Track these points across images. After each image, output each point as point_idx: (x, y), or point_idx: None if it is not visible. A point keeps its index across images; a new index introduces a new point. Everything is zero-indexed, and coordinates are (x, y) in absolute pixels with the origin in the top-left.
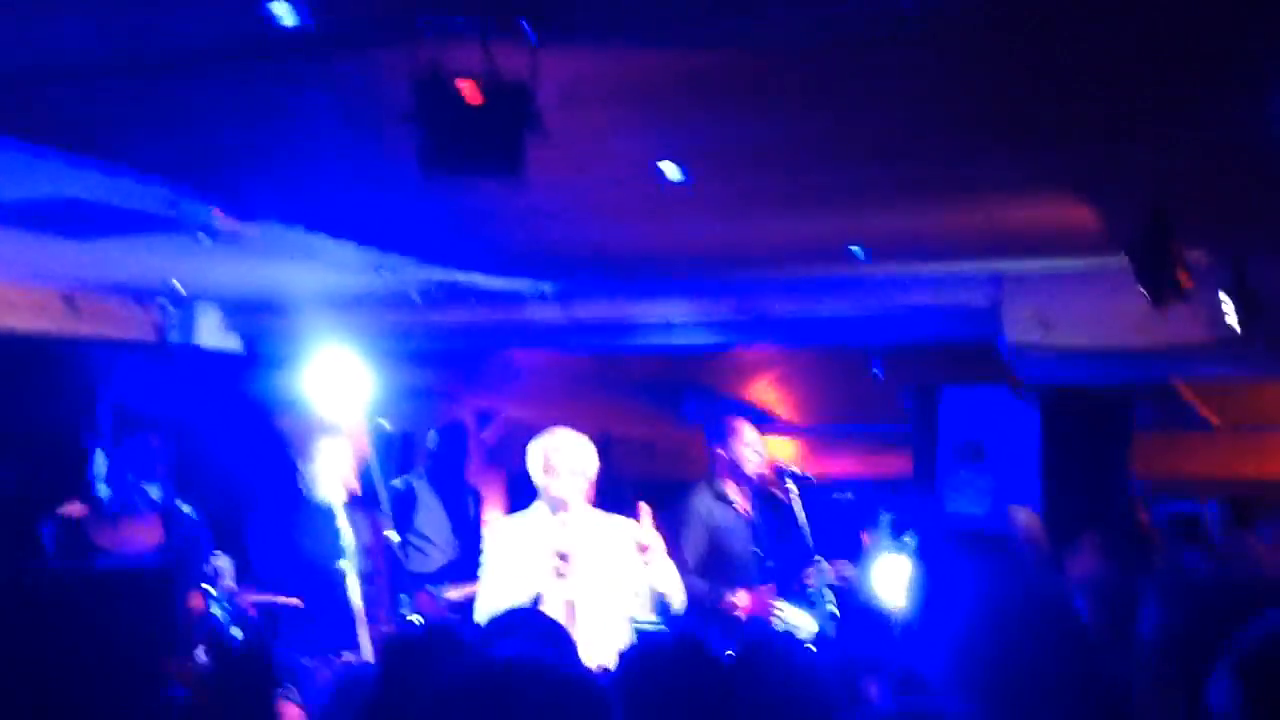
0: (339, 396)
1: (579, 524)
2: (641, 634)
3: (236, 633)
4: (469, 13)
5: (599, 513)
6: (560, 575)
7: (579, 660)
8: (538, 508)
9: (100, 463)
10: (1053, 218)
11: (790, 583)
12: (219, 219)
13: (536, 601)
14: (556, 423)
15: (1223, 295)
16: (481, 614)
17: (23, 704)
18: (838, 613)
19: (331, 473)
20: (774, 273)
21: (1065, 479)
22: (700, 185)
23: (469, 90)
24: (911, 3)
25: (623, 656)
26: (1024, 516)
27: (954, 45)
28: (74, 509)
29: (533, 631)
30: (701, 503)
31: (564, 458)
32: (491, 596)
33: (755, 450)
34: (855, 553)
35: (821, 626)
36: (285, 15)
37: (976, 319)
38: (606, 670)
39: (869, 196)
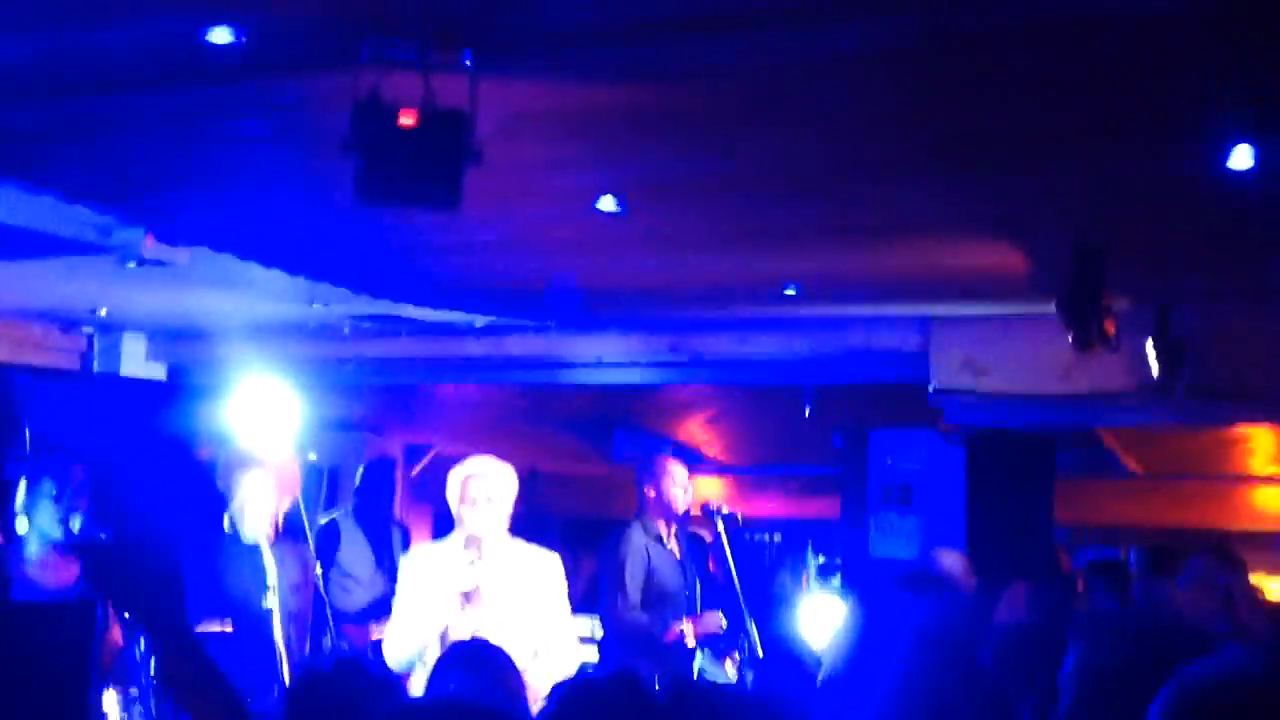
0: (266, 428)
1: (493, 555)
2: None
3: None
4: (410, 40)
5: (518, 543)
6: (468, 606)
7: (519, 700)
8: (454, 538)
9: (23, 494)
10: (982, 262)
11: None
12: (148, 245)
13: (444, 635)
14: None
15: (1148, 344)
16: (389, 645)
17: None
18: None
19: (256, 508)
20: (707, 311)
21: (989, 522)
22: (636, 220)
23: (409, 119)
24: (849, 40)
25: (555, 690)
26: (951, 559)
27: (890, 85)
28: None
29: (478, 669)
30: (639, 541)
31: (481, 486)
32: (399, 628)
33: (683, 489)
34: (778, 593)
35: (741, 674)
36: (223, 38)
37: (906, 362)
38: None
39: (802, 236)
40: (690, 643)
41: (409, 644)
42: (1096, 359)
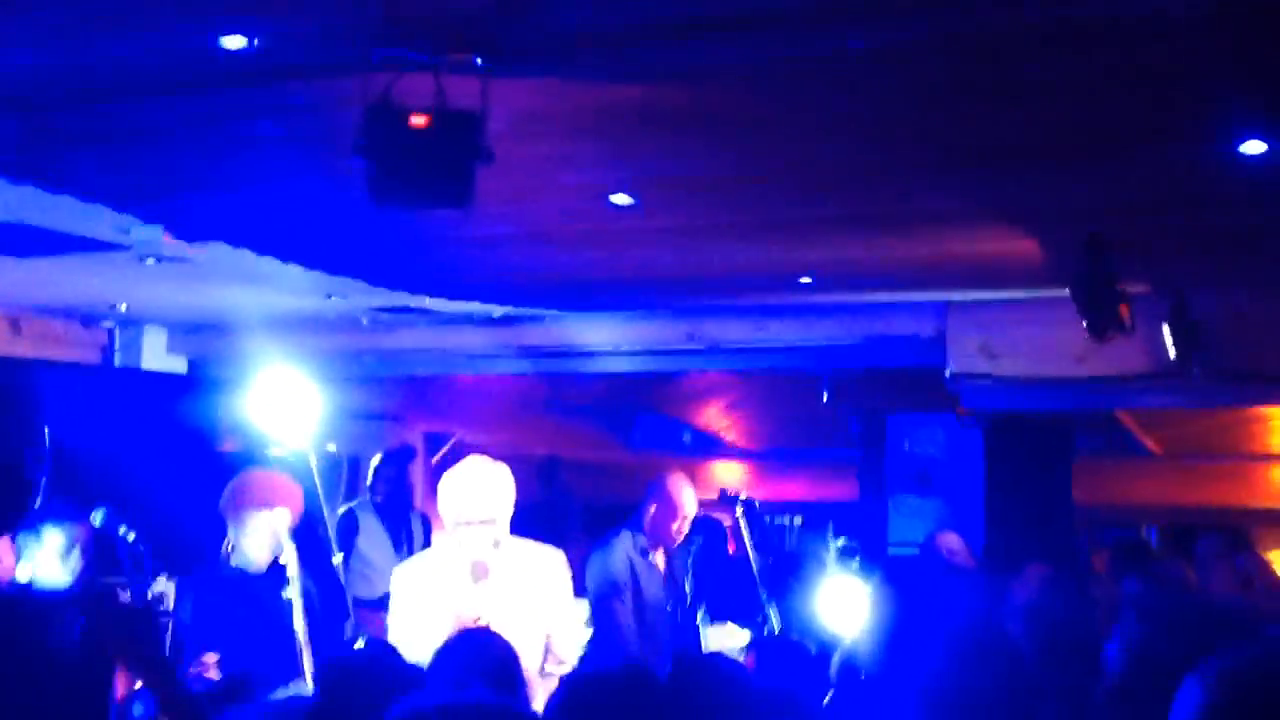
0: (285, 419)
1: (499, 575)
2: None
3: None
4: (421, 43)
5: (522, 549)
6: (476, 589)
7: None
8: (455, 559)
9: (25, 540)
10: (997, 249)
11: (733, 607)
12: (167, 242)
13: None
14: (506, 446)
15: (1164, 328)
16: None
17: None
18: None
19: (259, 546)
20: (724, 300)
21: (1008, 505)
22: (651, 214)
23: (420, 120)
24: (858, 40)
25: (564, 681)
26: (952, 542)
27: (900, 81)
28: (16, 534)
29: (484, 669)
30: (623, 561)
31: (477, 508)
32: (400, 644)
33: (683, 527)
34: (797, 576)
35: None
36: (236, 44)
37: (923, 347)
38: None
39: (817, 227)
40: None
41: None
42: (1113, 342)
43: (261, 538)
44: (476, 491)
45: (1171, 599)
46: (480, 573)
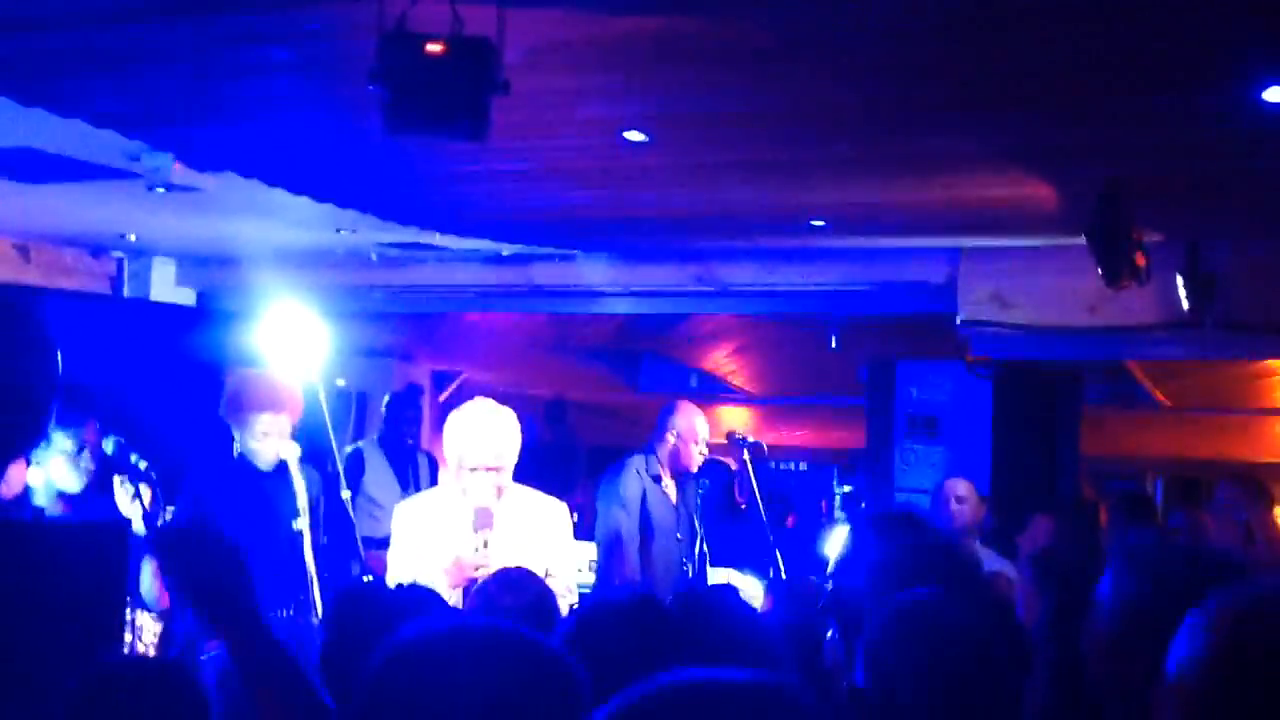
0: (293, 354)
1: (503, 527)
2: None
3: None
4: None
5: (526, 498)
6: (477, 537)
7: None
8: (459, 505)
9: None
10: (1011, 195)
11: (739, 552)
12: (177, 170)
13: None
14: (513, 386)
15: (1177, 278)
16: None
17: None
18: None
19: (268, 448)
20: (734, 242)
21: (1015, 454)
22: (663, 151)
23: (436, 48)
24: None
25: (574, 612)
26: (961, 488)
27: (917, 18)
28: (27, 459)
29: (517, 606)
30: (635, 483)
31: (482, 453)
32: (403, 565)
33: (700, 450)
34: (802, 521)
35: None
36: None
37: (933, 294)
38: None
39: (830, 168)
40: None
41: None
42: (1125, 292)
43: (269, 440)
44: (483, 437)
45: (1163, 547)
46: (483, 521)
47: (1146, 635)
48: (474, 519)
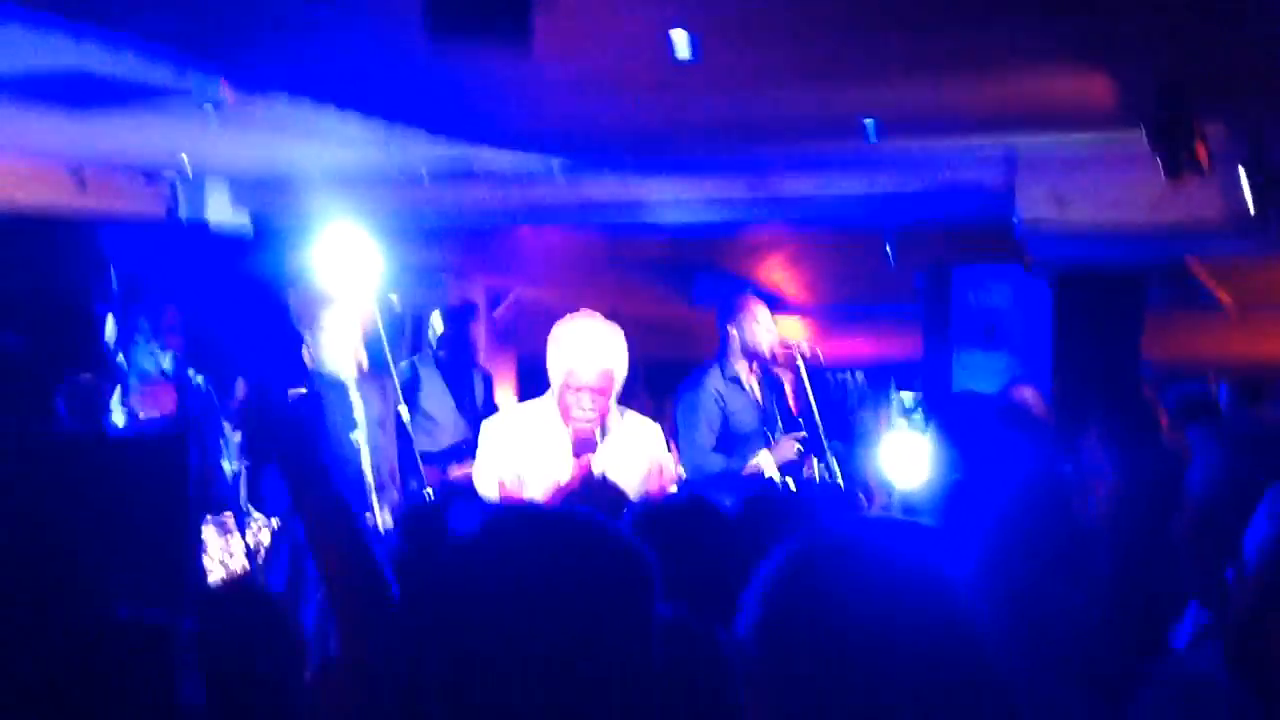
0: (348, 273)
1: (604, 457)
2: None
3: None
4: None
5: (626, 421)
6: (577, 464)
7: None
8: (558, 432)
9: (112, 330)
10: (1068, 90)
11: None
12: (225, 92)
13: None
14: (567, 303)
15: (1240, 171)
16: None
17: (29, 567)
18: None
19: (338, 344)
20: (786, 150)
21: (1077, 359)
22: (711, 58)
23: None
24: None
25: (630, 509)
26: (1027, 395)
27: None
28: (87, 375)
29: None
30: (714, 385)
31: (589, 373)
32: (491, 484)
33: (767, 329)
34: (860, 430)
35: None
36: None
37: (990, 197)
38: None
39: (881, 68)
40: (769, 473)
41: None
42: (1186, 189)
43: (339, 336)
44: (592, 354)
45: (1252, 425)
46: (584, 446)
47: (1241, 518)
48: (573, 444)
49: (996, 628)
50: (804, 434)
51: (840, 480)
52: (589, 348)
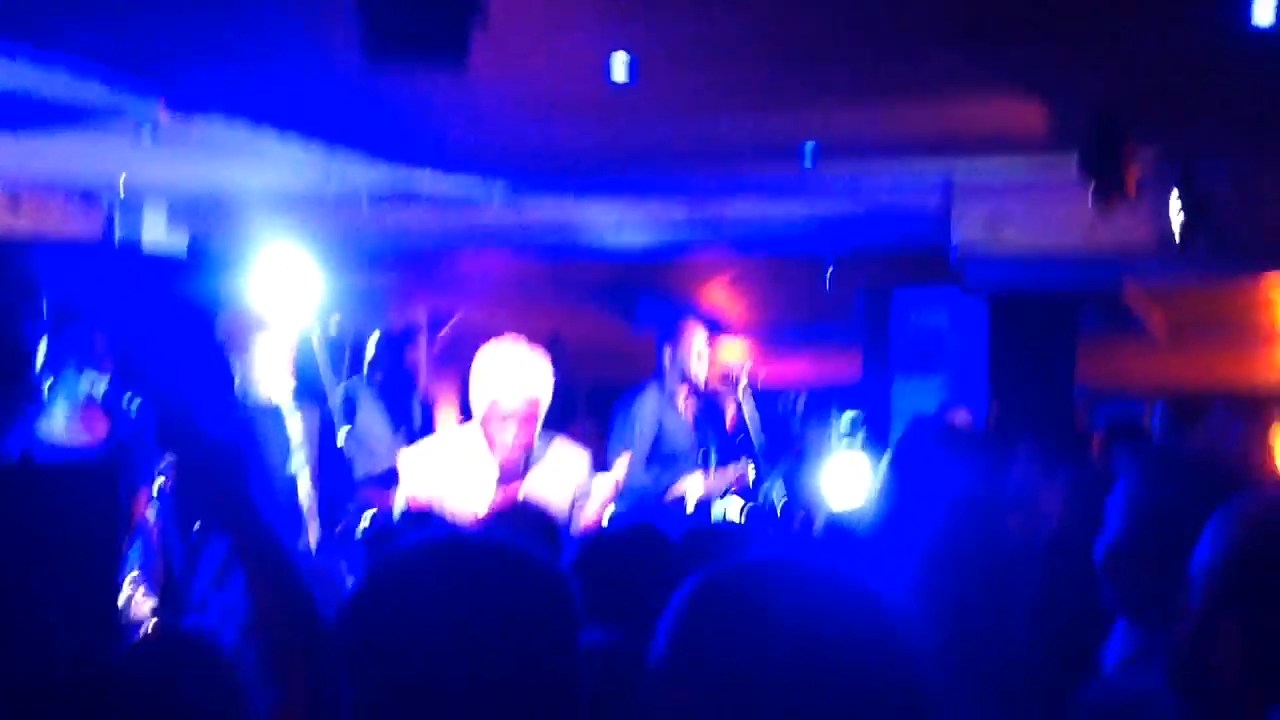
0: (282, 296)
1: (529, 483)
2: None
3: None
4: None
5: (552, 448)
6: (503, 491)
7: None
8: (482, 458)
9: (43, 354)
10: (1002, 117)
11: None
12: (162, 113)
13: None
14: (509, 325)
15: (1171, 197)
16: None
17: None
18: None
19: (270, 369)
20: (726, 174)
21: (1012, 382)
22: (650, 82)
23: None
24: None
25: (578, 540)
26: (961, 419)
27: None
28: (17, 401)
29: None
30: (650, 404)
31: (514, 400)
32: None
33: (702, 356)
34: (801, 453)
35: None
36: None
37: (927, 222)
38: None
39: (819, 94)
40: (693, 498)
41: None
42: (1119, 215)
43: (271, 361)
44: (517, 382)
45: (1175, 448)
46: (510, 473)
47: (1166, 539)
48: (500, 472)
49: (927, 649)
50: (743, 464)
51: (780, 503)
52: (513, 375)
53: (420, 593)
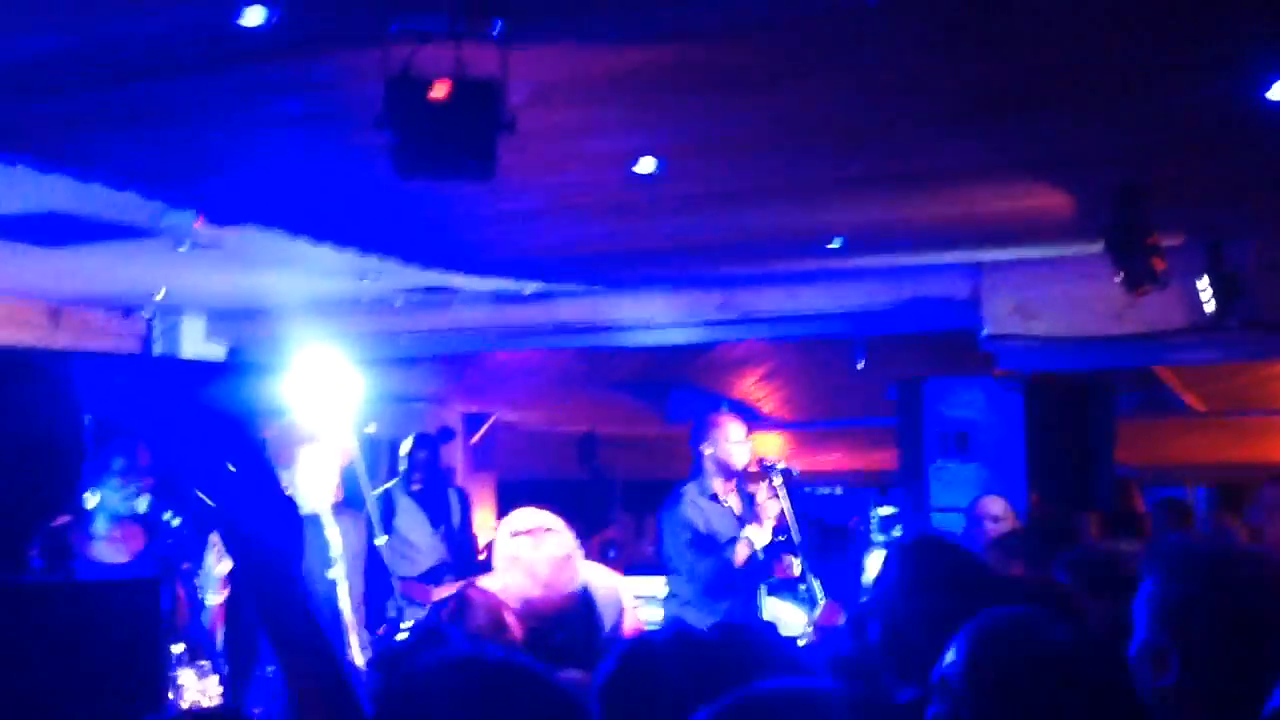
0: (325, 403)
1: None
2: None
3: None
4: (439, 12)
5: (586, 590)
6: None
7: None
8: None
9: (86, 474)
10: (1029, 205)
11: (779, 580)
12: (198, 226)
13: None
14: (544, 424)
15: (1201, 280)
16: None
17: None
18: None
19: (316, 481)
20: (755, 268)
21: (1050, 467)
22: (677, 180)
23: (441, 91)
24: None
25: (614, 649)
26: (996, 507)
27: (923, 34)
28: (60, 521)
29: None
30: (692, 502)
31: (552, 603)
32: None
33: (741, 446)
34: (843, 547)
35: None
36: (255, 18)
37: (958, 310)
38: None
39: (845, 188)
40: (758, 544)
41: None
42: (1149, 297)
43: (317, 473)
44: (562, 582)
45: (1195, 548)
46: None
47: (1185, 634)
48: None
49: None
50: (786, 561)
51: (821, 597)
52: (557, 577)
53: (437, 708)
